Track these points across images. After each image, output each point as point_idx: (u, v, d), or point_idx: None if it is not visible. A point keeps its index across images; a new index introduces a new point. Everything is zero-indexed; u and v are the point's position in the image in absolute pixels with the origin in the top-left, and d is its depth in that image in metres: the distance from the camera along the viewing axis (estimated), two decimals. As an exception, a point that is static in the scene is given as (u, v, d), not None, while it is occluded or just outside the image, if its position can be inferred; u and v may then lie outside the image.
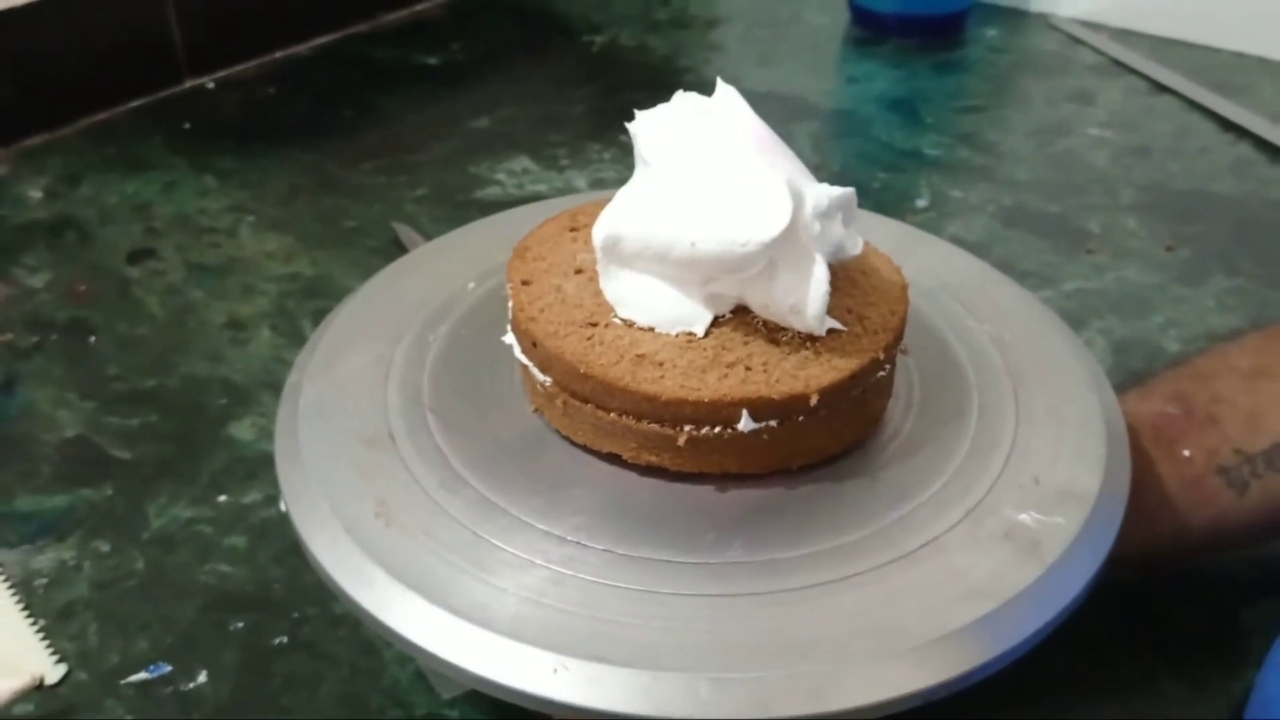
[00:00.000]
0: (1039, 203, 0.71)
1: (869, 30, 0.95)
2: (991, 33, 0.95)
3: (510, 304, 0.38)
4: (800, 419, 0.34)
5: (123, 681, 0.41)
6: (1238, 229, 0.68)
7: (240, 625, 0.43)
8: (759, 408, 0.34)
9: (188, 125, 0.80)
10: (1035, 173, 0.75)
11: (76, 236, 0.67)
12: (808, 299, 0.34)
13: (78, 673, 0.41)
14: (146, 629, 0.43)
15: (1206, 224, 0.69)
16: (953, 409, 0.39)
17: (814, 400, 0.34)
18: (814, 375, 0.34)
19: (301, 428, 0.38)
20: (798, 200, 0.34)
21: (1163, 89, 0.85)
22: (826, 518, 0.35)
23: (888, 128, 0.80)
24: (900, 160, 0.76)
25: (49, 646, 0.42)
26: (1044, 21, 0.97)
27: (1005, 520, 0.34)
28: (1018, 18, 0.98)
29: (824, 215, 0.35)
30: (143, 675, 0.41)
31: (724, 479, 0.36)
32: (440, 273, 0.45)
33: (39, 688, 0.41)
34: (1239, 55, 0.89)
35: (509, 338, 0.38)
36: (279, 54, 0.90)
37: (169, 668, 0.42)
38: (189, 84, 0.84)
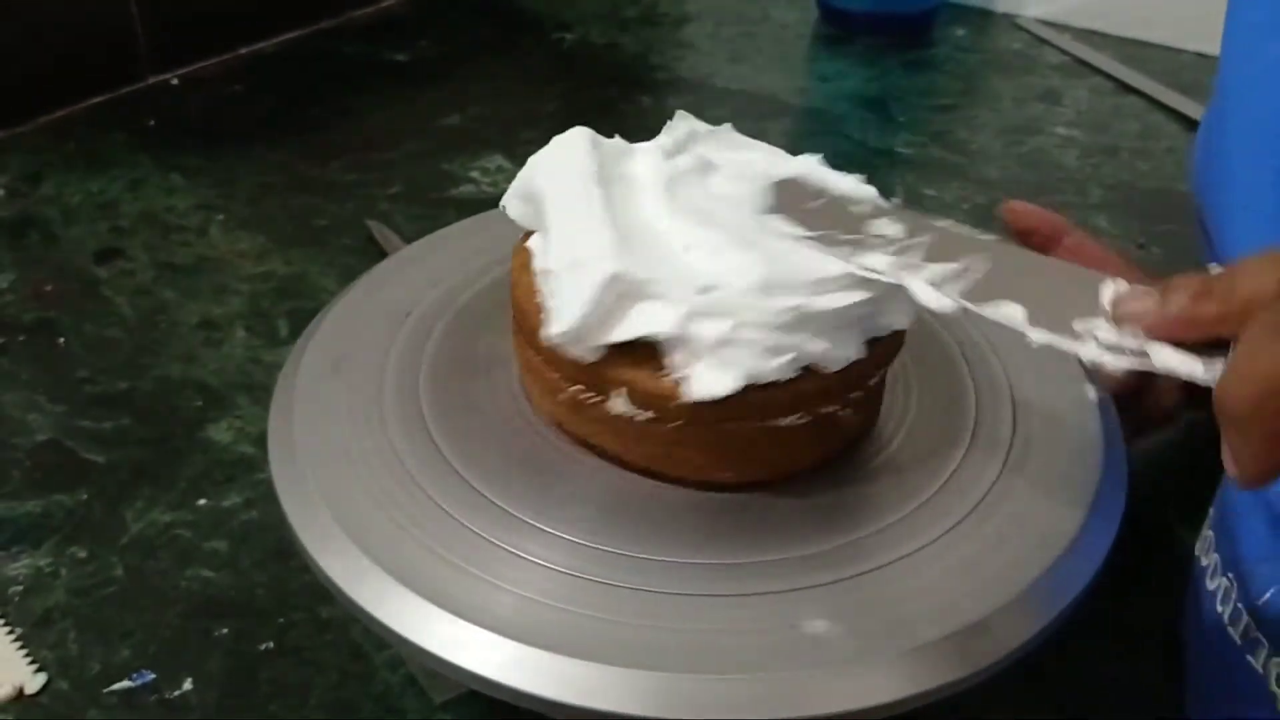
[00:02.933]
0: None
1: (838, 28, 0.95)
2: (960, 32, 0.96)
3: (513, 295, 0.38)
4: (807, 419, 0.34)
5: (105, 690, 0.40)
6: (1206, 227, 0.69)
7: (225, 631, 0.42)
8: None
9: (152, 123, 0.78)
10: (1006, 172, 0.75)
11: (40, 236, 0.66)
12: None
13: (58, 682, 0.40)
14: (128, 636, 0.42)
15: (1176, 223, 0.70)
16: (950, 430, 0.38)
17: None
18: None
19: (296, 415, 0.37)
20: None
21: (1128, 89, 0.86)
22: (810, 525, 0.35)
23: (861, 126, 0.80)
24: (874, 159, 0.76)
25: (27, 655, 0.41)
26: (1009, 21, 0.97)
27: (976, 546, 0.34)
28: (984, 17, 0.98)
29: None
30: (126, 684, 0.40)
31: (718, 487, 0.36)
32: (441, 266, 0.44)
33: (18, 698, 0.40)
34: (1201, 56, 0.90)
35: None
36: (244, 50, 0.88)
37: (153, 675, 0.41)
38: (152, 80, 0.83)
